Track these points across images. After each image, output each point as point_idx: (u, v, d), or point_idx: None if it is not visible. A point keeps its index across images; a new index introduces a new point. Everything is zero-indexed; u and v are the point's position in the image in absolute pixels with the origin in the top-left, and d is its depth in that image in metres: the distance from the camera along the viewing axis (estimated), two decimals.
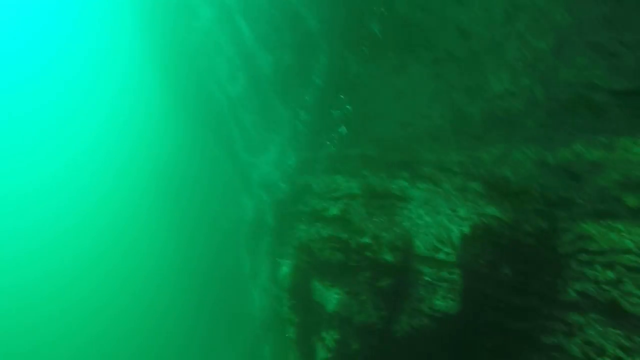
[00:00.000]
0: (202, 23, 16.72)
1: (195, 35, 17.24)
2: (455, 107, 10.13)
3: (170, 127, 28.84)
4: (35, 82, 58.39)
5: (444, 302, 6.83)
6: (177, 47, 19.18)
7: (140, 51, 29.01)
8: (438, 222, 7.25)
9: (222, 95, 18.34)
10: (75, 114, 57.73)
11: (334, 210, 8.18)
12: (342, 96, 13.40)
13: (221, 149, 20.13)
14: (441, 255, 6.91)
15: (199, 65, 18.30)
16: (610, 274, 5.73)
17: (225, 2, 15.12)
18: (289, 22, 14.18)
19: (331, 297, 7.65)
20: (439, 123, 10.78)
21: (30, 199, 58.41)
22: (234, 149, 18.68)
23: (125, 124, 44.09)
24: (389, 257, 7.16)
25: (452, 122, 10.30)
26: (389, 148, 12.20)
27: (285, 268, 9.42)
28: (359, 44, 12.48)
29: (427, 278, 6.93)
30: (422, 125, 11.46)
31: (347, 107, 13.53)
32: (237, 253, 19.17)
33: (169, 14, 18.14)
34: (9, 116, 58.41)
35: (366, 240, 7.40)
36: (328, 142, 12.36)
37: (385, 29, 11.43)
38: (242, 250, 18.53)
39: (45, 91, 58.87)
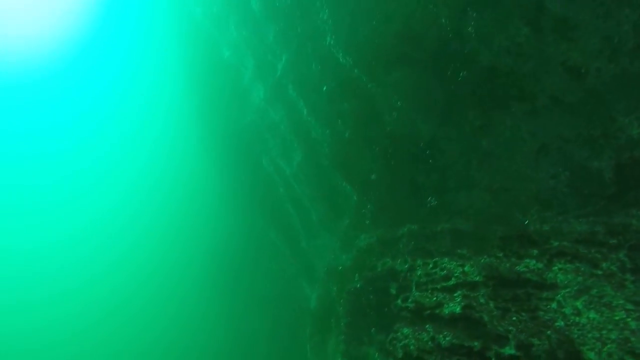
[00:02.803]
0: (256, 101, 16.30)
1: (249, 114, 16.81)
2: (573, 163, 8.22)
3: (222, 210, 28.28)
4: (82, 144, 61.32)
5: None
6: (230, 127, 18.88)
7: (194, 133, 29.56)
8: (614, 321, 5.03)
9: (277, 175, 17.37)
10: (125, 196, 59.59)
11: (454, 307, 6.13)
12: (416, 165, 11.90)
13: (278, 232, 18.75)
14: None
15: (253, 145, 17.68)
16: None
17: (278, 77, 14.64)
18: (344, 90, 13.30)
19: None
20: (549, 185, 8.83)
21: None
22: (293, 231, 17.22)
23: (176, 205, 44.48)
24: None
25: (570, 182, 8.34)
26: (483, 220, 10.22)
27: None
28: (430, 105, 11.19)
29: None
30: (525, 190, 9.51)
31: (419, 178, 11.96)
32: (302, 350, 16.77)
33: (223, 95, 18.10)
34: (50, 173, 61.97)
35: (511, 350, 5.25)
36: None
37: (465, 84, 10.06)
38: (306, 347, 16.16)
39: (95, 154, 61.61)
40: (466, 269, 6.87)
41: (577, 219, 8.20)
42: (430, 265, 7.62)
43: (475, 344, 5.57)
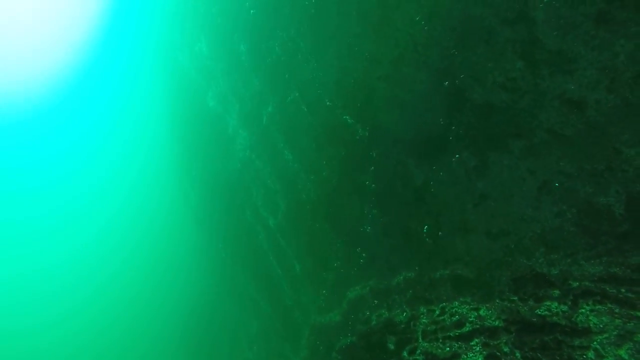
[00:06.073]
0: (239, 150, 15.77)
1: (232, 162, 16.20)
2: (579, 200, 7.75)
3: (199, 265, 26.68)
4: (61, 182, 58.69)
5: None
6: (212, 176, 18.13)
7: (174, 181, 28.57)
8: None
9: (260, 226, 16.45)
10: (96, 255, 56.86)
11: (474, 357, 5.17)
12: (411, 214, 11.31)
13: (259, 287, 17.41)
14: None
15: (235, 196, 16.89)
16: None
17: (264, 124, 14.27)
18: (333, 136, 12.97)
19: None
20: (555, 225, 8.28)
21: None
22: (275, 286, 15.96)
23: (150, 258, 42.18)
24: None
25: (578, 220, 7.81)
26: (485, 267, 9.46)
27: None
28: (422, 147, 10.84)
29: None
30: (527, 232, 8.92)
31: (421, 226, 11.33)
32: None
33: (204, 142, 17.54)
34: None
35: None
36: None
37: (458, 124, 9.79)
38: None
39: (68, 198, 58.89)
40: (482, 312, 6.03)
41: (588, 260, 7.56)
42: (437, 312, 6.73)
43: None
